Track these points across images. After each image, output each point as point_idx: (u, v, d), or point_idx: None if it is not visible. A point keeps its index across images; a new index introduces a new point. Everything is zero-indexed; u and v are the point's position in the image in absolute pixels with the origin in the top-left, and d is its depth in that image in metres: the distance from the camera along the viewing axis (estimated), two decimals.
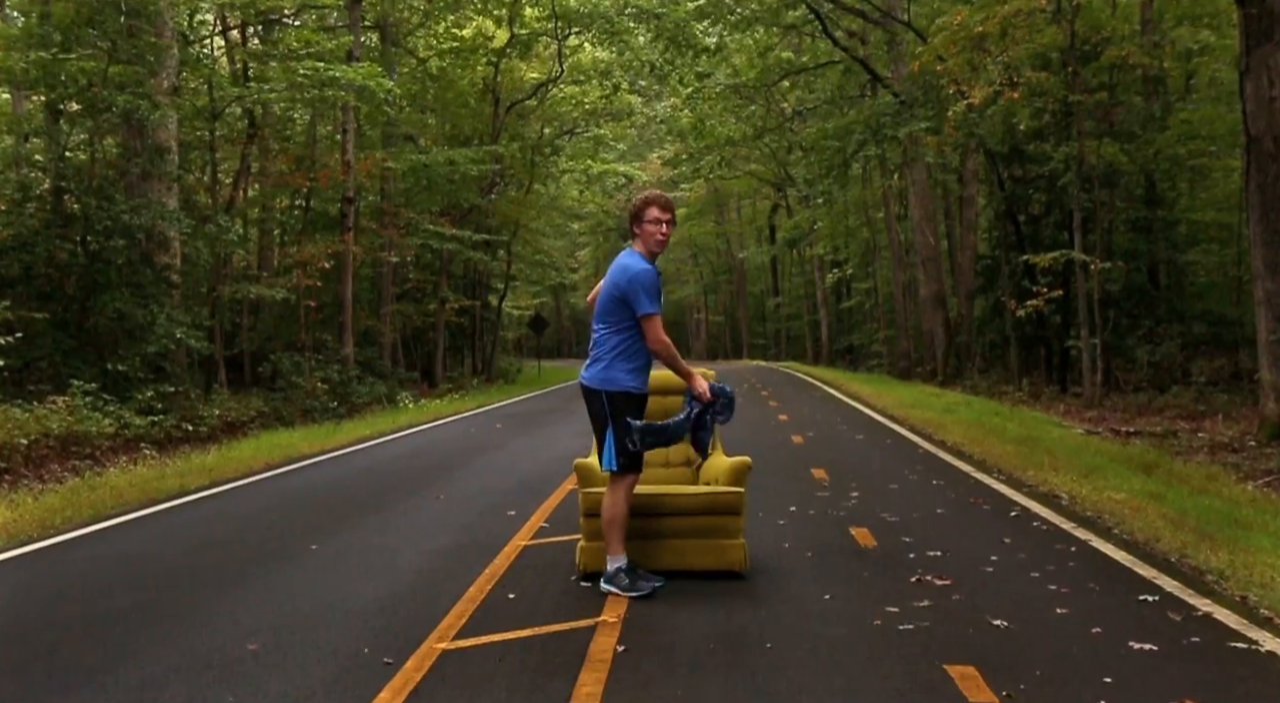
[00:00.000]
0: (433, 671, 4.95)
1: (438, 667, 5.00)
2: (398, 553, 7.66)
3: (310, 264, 23.72)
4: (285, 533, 8.58)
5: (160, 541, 8.50)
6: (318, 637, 5.55)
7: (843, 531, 8.13)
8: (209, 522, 9.36)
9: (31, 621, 6.06)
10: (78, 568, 7.50)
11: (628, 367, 6.16)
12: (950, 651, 5.11)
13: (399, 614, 5.96)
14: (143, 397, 16.41)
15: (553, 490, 10.43)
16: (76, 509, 9.77)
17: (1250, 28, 13.77)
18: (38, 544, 8.32)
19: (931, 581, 6.49)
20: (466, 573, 6.90)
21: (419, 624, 5.70)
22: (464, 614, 5.92)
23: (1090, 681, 4.67)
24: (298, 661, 5.15)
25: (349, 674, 4.92)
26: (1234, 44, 17.94)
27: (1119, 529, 8.05)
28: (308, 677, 4.90)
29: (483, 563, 7.19)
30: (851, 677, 4.79)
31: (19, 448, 13.16)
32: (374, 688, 4.69)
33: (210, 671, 5.01)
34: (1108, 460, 11.79)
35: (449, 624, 5.71)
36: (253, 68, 22.46)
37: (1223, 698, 4.48)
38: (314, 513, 9.62)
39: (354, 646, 5.37)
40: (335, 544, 8.03)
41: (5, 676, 5.02)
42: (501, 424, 19.43)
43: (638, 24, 33.98)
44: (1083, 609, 5.84)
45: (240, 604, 6.27)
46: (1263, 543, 7.41)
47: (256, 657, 5.21)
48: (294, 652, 5.29)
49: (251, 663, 5.11)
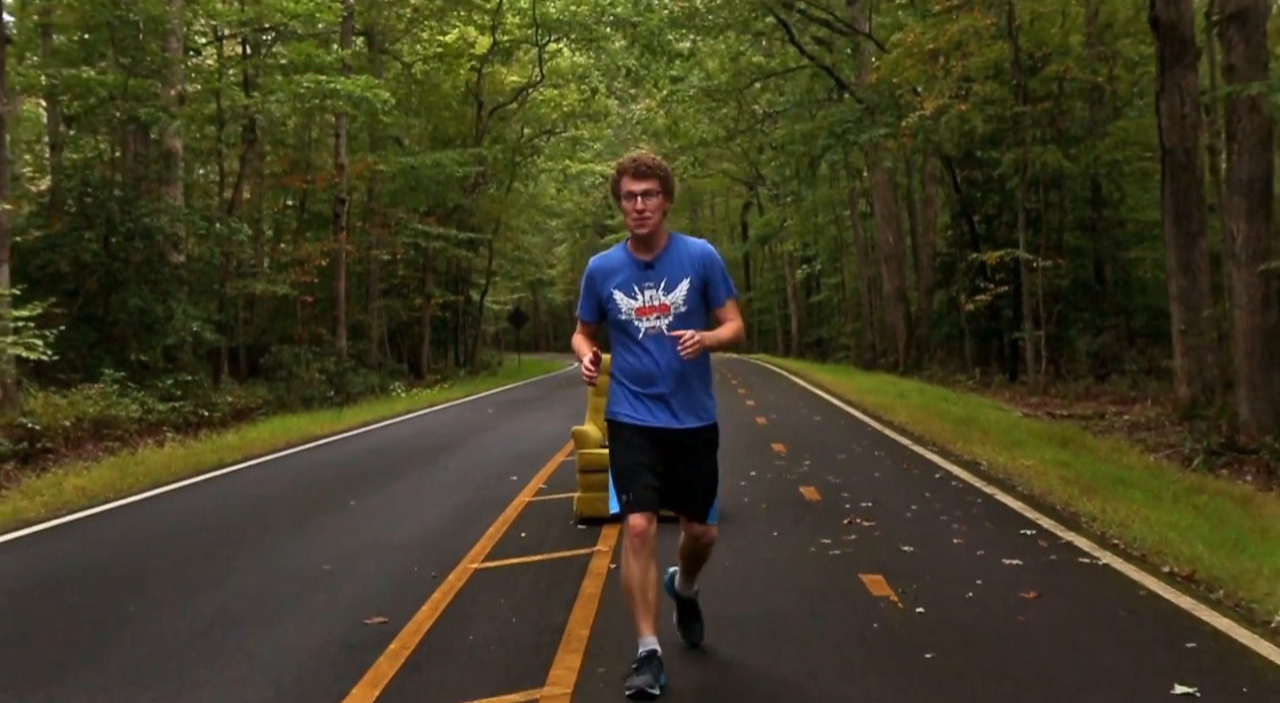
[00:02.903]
0: (470, 580, 6.48)
1: (473, 578, 6.54)
2: (422, 508, 9.18)
3: (308, 262, 25.15)
4: (325, 494, 10.10)
5: (220, 499, 10.01)
6: (374, 561, 7.08)
7: (793, 489, 9.71)
8: (256, 485, 10.87)
9: (143, 554, 7.57)
10: (160, 519, 9.01)
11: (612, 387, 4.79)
12: (865, 566, 6.67)
13: (435, 547, 7.49)
14: (163, 385, 17.83)
15: (546, 462, 11.96)
16: (135, 478, 11.25)
17: (1165, 53, 15.36)
18: (113, 503, 9.81)
19: (860, 522, 8.07)
20: (483, 520, 8.43)
21: (452, 553, 7.23)
22: (486, 547, 7.45)
23: (966, 582, 6.24)
24: (363, 576, 6.67)
25: (406, 583, 6.44)
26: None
27: (1022, 487, 9.66)
28: (374, 585, 6.42)
29: (495, 513, 8.73)
30: (789, 582, 6.34)
31: (62, 429, 14.57)
32: (427, 592, 6.21)
33: (298, 582, 6.52)
34: (1031, 437, 13.41)
35: (476, 552, 7.25)
36: (254, 77, 23.81)
37: (1058, 591, 6.06)
38: (343, 480, 11.13)
39: (405, 566, 6.90)
40: (369, 502, 9.55)
41: (142, 586, 6.52)
42: (493, 410, 20.98)
43: (614, 31, 35.46)
44: (974, 540, 7.43)
45: (305, 541, 7.79)
46: (1136, 496, 9.00)
47: (331, 574, 6.73)
48: (358, 570, 6.82)
49: (328, 578, 6.63)
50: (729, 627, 5.32)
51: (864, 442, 13.67)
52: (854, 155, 31.57)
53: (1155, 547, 6.99)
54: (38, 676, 4.82)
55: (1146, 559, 6.78)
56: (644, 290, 4.59)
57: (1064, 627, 5.34)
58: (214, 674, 4.80)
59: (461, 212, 36.78)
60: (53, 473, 12.20)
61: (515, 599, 6.03)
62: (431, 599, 6.02)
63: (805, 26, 33.96)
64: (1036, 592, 5.98)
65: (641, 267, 4.62)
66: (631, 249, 4.67)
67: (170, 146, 22.00)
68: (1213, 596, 5.91)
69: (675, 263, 4.62)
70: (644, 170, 4.54)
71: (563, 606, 5.83)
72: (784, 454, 12.25)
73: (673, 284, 4.59)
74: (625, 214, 4.60)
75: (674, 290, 4.58)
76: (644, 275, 4.60)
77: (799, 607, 5.77)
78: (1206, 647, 5.03)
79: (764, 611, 5.66)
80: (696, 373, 4.65)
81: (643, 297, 4.59)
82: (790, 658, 4.89)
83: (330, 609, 5.87)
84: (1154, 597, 5.94)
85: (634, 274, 4.62)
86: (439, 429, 16.99)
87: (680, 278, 4.60)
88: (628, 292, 4.61)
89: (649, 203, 4.52)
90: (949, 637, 5.16)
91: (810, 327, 55.17)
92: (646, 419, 4.60)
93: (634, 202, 4.53)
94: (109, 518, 9.17)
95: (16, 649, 5.28)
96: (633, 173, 4.56)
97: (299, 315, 26.49)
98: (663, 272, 4.61)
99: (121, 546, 7.96)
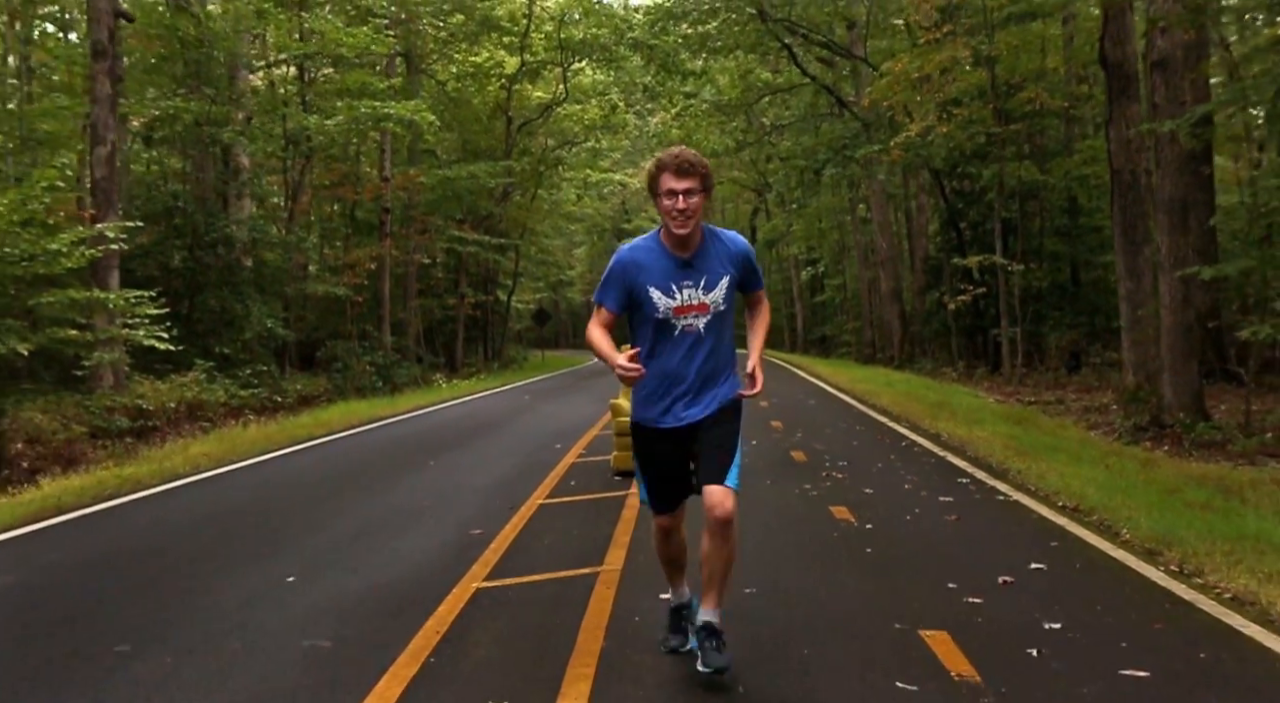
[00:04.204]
0: (537, 511, 8.41)
1: (540, 510, 8.46)
2: (490, 465, 11.13)
3: (358, 265, 27.14)
4: (406, 458, 12.06)
5: (322, 462, 11.99)
6: (462, 500, 9.02)
7: (785, 453, 11.62)
8: (346, 453, 12.84)
9: (280, 497, 9.55)
10: (278, 475, 10.98)
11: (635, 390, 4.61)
12: (834, 501, 8.56)
13: (506, 489, 9.43)
14: (242, 374, 19.84)
15: (584, 434, 13.89)
16: (242, 447, 13.22)
17: (1112, 87, 17.14)
18: (238, 464, 11.78)
19: (834, 475, 9.98)
20: (539, 473, 10.37)
21: (521, 493, 9.17)
22: (546, 489, 9.39)
23: (907, 511, 8.13)
24: (456, 508, 8.61)
25: (490, 512, 8.37)
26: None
27: (970, 452, 11.56)
28: (467, 513, 8.36)
29: (548, 469, 10.66)
30: (777, 511, 8.25)
31: (166, 410, 16.57)
32: (508, 517, 8.12)
33: (408, 513, 8.46)
34: (992, 416, 15.28)
35: (539, 493, 9.19)
36: (310, 99, 25.79)
37: (973, 516, 7.95)
38: (417, 448, 13.09)
39: (486, 502, 8.84)
40: (444, 463, 11.51)
41: (293, 515, 8.49)
42: (529, 396, 22.95)
43: (632, 52, 37.41)
44: (920, 486, 9.33)
45: (404, 488, 9.74)
46: (1061, 459, 10.86)
47: (432, 507, 8.67)
48: (452, 505, 8.76)
49: (431, 510, 8.57)
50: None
51: (849, 420, 15.58)
52: (852, 168, 33.32)
53: (1058, 490, 8.89)
54: (252, 558, 6.80)
55: (1048, 498, 8.68)
56: (682, 289, 4.34)
57: (969, 535, 7.26)
58: (371, 561, 6.75)
59: (492, 218, 38.75)
60: (170, 444, 14.20)
61: (573, 521, 7.96)
62: (511, 522, 7.96)
63: (808, 48, 35.86)
64: (957, 516, 7.90)
65: (680, 264, 4.34)
66: (667, 244, 4.37)
67: (239, 163, 24.06)
68: (1088, 519, 7.80)
69: (714, 260, 4.38)
70: (686, 168, 4.25)
71: (608, 523, 7.75)
72: (780, 430, 14.15)
73: (713, 283, 4.36)
74: (664, 212, 4.28)
75: (714, 289, 4.36)
76: (683, 274, 4.34)
77: (782, 524, 7.68)
78: (1065, 546, 6.94)
79: (757, 525, 7.55)
80: (723, 370, 4.51)
81: (681, 295, 4.34)
82: (772, 552, 6.80)
83: (439, 527, 7.82)
84: (1042, 519, 7.84)
85: (671, 273, 4.34)
86: (485, 412, 18.94)
87: (720, 276, 4.37)
88: (665, 290, 4.33)
89: (690, 201, 4.23)
90: (885, 541, 7.07)
91: (815, 324, 57.03)
92: (668, 421, 4.48)
93: (675, 200, 4.23)
94: (241, 474, 11.14)
95: (233, 543, 7.26)
96: (675, 170, 4.25)
97: (348, 313, 28.47)
98: (702, 270, 4.35)
99: (260, 493, 9.93)
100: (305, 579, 6.26)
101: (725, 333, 4.45)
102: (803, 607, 5.48)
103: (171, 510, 9.01)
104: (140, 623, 5.40)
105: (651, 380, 4.42)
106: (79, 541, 7.81)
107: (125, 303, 14.33)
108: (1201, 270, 12.89)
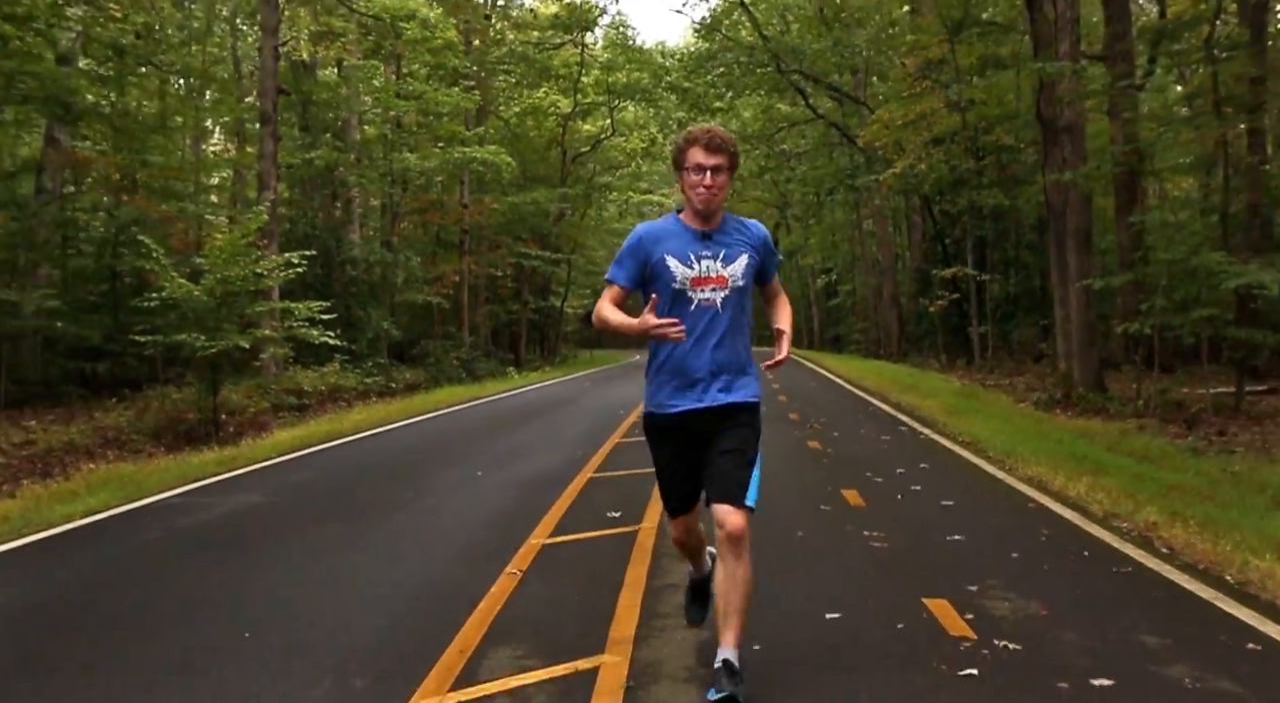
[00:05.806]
0: (615, 447, 11.92)
1: (616, 447, 11.98)
2: (575, 422, 14.72)
3: (444, 278, 30.85)
4: (513, 419, 15.66)
5: (458, 422, 15.61)
6: (564, 440, 12.56)
7: (785, 415, 15.10)
8: (471, 417, 16.49)
9: (419, 448, 13.17)
10: (435, 428, 14.60)
11: (650, 378, 4.29)
12: (811, 440, 12.01)
13: (589, 439, 12.96)
14: (365, 366, 23.52)
15: (638, 405, 17.39)
16: (390, 417, 16.84)
17: (1045, 138, 20.44)
18: (394, 425, 15.41)
19: (815, 426, 13.47)
20: (611, 427, 13.91)
21: (599, 441, 12.69)
22: (620, 435, 12.91)
23: (858, 443, 11.59)
24: (562, 445, 12.14)
25: (584, 446, 11.88)
26: (1101, 119, 24.47)
27: (917, 413, 15.00)
28: (570, 448, 11.89)
29: (615, 427, 14.19)
30: (770, 446, 11.73)
31: (319, 391, 20.25)
32: (588, 455, 11.65)
33: (532, 447, 12.01)
34: (948, 392, 18.67)
35: (615, 436, 12.74)
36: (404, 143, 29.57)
37: (901, 445, 11.40)
38: (512, 417, 16.66)
39: (580, 441, 12.38)
40: (542, 421, 15.10)
41: (429, 454, 12.10)
42: (590, 383, 26.55)
43: (669, 93, 41.01)
44: (872, 431, 12.80)
45: (523, 433, 13.32)
46: (978, 417, 14.24)
47: (545, 444, 12.22)
48: (558, 444, 12.30)
49: (545, 445, 12.11)
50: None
51: (837, 394, 19.07)
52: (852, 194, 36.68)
53: (964, 432, 12.33)
54: (453, 462, 10.39)
55: (956, 438, 12.11)
56: (700, 260, 4.00)
57: (891, 452, 10.75)
58: (523, 466, 10.32)
59: (549, 236, 42.41)
60: (329, 415, 17.85)
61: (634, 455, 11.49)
62: (600, 450, 11.51)
63: (818, 90, 39.29)
64: (888, 445, 11.38)
65: (699, 235, 4.03)
66: (686, 219, 4.08)
67: (350, 196, 27.84)
68: (973, 447, 11.24)
69: (735, 236, 4.08)
70: (717, 144, 3.96)
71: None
72: (785, 402, 17.63)
73: (732, 257, 4.03)
74: (689, 186, 3.99)
75: (733, 263, 4.02)
76: (701, 245, 4.01)
77: (772, 453, 11.13)
78: (948, 458, 10.41)
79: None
80: (742, 359, 4.15)
81: (699, 266, 4.00)
82: (765, 462, 10.30)
83: (556, 453, 11.39)
84: (946, 449, 11.30)
85: (690, 243, 4.02)
86: (557, 393, 22.53)
87: (739, 252, 4.04)
88: (683, 259, 4.00)
89: (718, 179, 3.95)
90: (837, 457, 10.57)
91: (829, 325, 60.33)
92: (682, 404, 4.13)
93: (703, 176, 3.94)
94: (401, 431, 14.78)
95: (435, 457, 10.87)
96: (705, 145, 3.96)
97: (434, 317, 32.17)
98: (721, 243, 4.03)
99: (427, 437, 13.50)
100: (488, 473, 9.84)
101: (743, 319, 4.10)
102: (779, 484, 8.99)
103: (370, 450, 12.62)
104: (403, 496, 8.99)
105: (665, 360, 4.10)
106: (320, 464, 11.43)
107: (309, 311, 17.86)
108: (1093, 282, 16.26)
